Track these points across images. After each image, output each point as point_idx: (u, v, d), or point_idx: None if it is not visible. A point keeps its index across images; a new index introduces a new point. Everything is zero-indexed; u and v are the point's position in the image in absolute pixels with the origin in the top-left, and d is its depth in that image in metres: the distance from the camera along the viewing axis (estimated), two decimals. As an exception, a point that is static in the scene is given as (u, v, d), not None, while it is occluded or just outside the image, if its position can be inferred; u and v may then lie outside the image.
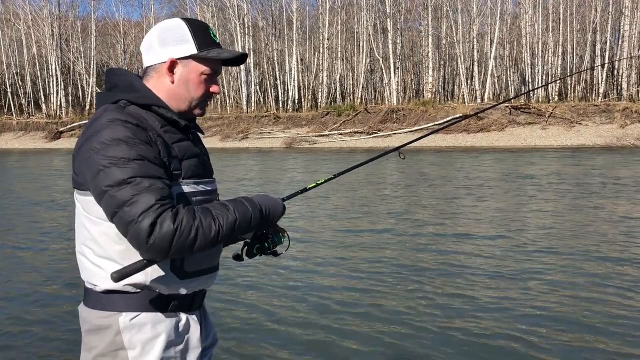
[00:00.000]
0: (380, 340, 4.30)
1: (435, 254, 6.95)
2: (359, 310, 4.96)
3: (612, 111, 29.98)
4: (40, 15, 46.77)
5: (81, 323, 1.71)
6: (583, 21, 38.43)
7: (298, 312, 4.96)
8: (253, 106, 40.72)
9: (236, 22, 40.84)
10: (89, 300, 1.69)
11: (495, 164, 19.37)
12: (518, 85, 39.48)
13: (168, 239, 1.43)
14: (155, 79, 1.73)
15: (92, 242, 1.63)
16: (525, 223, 8.84)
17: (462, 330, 4.46)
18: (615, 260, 6.44)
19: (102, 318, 1.64)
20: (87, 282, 1.69)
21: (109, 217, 1.52)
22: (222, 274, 4.32)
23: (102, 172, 1.48)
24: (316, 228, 8.68)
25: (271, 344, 4.28)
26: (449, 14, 38.62)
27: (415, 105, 34.80)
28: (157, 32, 1.73)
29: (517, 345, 4.15)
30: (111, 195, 1.46)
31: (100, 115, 1.60)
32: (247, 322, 4.73)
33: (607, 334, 4.34)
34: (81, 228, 1.67)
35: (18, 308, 5.21)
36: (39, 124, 41.89)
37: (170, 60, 1.70)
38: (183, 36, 1.71)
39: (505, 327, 4.49)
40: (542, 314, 4.78)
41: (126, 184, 1.46)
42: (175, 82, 1.72)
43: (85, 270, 1.69)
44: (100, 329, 1.64)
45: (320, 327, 4.60)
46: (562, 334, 4.34)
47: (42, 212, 10.79)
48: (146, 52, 1.75)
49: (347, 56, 42.68)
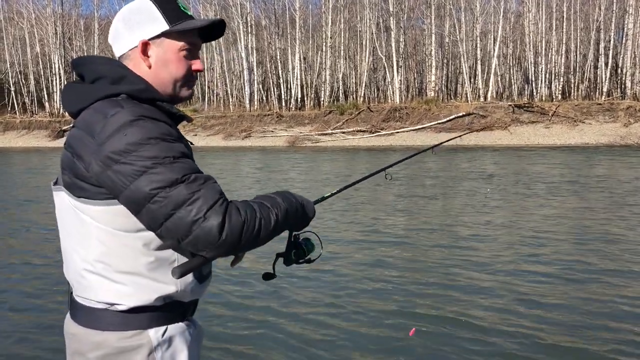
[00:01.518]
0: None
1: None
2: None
3: (615, 109, 29.90)
4: (43, 13, 46.89)
5: (87, 350, 1.50)
6: (587, 19, 38.28)
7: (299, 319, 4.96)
8: (255, 105, 40.72)
9: (239, 21, 40.82)
10: (101, 322, 1.48)
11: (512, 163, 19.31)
12: (521, 83, 39.37)
13: (237, 233, 1.34)
14: (131, 68, 1.54)
15: (110, 256, 1.45)
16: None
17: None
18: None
19: (126, 339, 1.47)
20: (99, 302, 1.48)
21: (156, 223, 1.35)
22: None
23: (144, 175, 1.32)
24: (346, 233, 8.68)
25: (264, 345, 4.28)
26: (451, 12, 38.54)
27: (418, 103, 34.76)
28: (121, 16, 1.56)
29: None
30: (163, 197, 1.31)
31: (112, 113, 1.38)
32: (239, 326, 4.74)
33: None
34: (90, 242, 1.46)
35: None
36: (42, 122, 41.98)
37: (141, 42, 1.52)
38: (150, 14, 1.53)
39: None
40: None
41: (179, 183, 1.32)
42: (152, 66, 1.54)
43: (97, 289, 1.47)
44: (126, 351, 1.47)
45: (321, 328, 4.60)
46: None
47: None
48: (115, 41, 1.57)
49: (350, 54, 42.64)
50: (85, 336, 1.50)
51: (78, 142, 1.42)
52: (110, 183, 1.36)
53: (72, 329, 1.55)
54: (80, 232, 1.47)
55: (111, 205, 1.41)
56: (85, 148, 1.39)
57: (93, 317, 1.50)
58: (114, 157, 1.34)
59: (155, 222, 1.35)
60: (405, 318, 4.70)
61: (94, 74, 1.51)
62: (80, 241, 1.48)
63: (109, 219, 1.43)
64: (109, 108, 1.40)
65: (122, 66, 1.53)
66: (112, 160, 1.34)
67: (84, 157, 1.39)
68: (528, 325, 4.49)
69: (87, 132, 1.40)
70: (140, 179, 1.32)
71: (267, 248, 1.68)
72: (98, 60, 1.54)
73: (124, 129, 1.35)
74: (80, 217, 1.46)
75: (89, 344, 1.50)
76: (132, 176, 1.33)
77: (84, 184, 1.42)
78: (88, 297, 1.50)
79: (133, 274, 1.45)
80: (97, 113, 1.41)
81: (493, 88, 36.03)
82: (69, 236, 1.52)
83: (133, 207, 1.37)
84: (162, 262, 1.47)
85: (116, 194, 1.37)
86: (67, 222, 1.52)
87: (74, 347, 1.55)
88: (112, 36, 1.58)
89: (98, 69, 1.51)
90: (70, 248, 1.52)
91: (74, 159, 1.43)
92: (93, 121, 1.40)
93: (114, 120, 1.37)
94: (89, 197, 1.42)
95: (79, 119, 1.47)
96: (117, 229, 1.43)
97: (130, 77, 1.50)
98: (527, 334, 4.31)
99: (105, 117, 1.38)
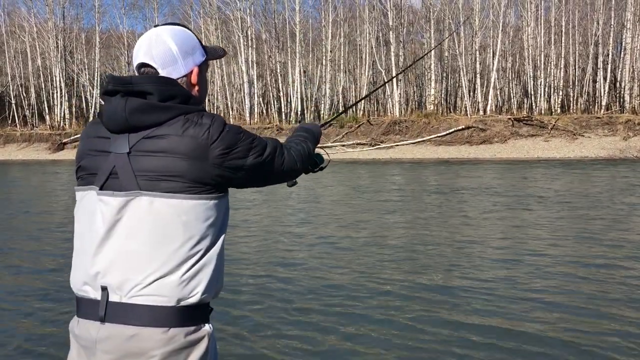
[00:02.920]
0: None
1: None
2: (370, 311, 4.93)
3: (614, 123, 29.99)
4: (45, 27, 47.13)
5: (150, 348, 1.55)
6: (585, 34, 38.56)
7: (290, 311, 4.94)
8: (256, 117, 40.84)
9: (239, 35, 41.07)
10: (167, 319, 1.56)
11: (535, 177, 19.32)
12: (520, 97, 39.55)
13: (300, 157, 1.92)
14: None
15: (194, 255, 1.59)
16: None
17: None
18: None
19: (191, 333, 1.60)
20: (170, 298, 1.56)
21: (269, 169, 1.75)
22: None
23: (252, 149, 1.68)
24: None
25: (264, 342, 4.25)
26: (450, 27, 38.80)
27: (418, 116, 34.88)
28: (173, 41, 1.71)
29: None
30: (267, 155, 1.73)
31: (211, 121, 1.63)
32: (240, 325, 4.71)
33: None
34: (175, 243, 1.57)
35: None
36: (42, 135, 42.08)
37: (196, 67, 1.75)
38: (195, 42, 1.76)
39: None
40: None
41: (267, 146, 1.75)
42: (199, 90, 1.78)
43: (173, 288, 1.56)
44: (191, 345, 1.60)
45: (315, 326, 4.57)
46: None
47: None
48: (168, 65, 1.69)
49: (350, 68, 42.86)
50: (150, 335, 1.55)
51: (182, 145, 1.58)
52: (231, 165, 1.64)
53: (127, 331, 1.56)
54: (166, 231, 1.58)
55: (208, 200, 1.62)
56: (197, 149, 1.59)
57: (159, 315, 1.56)
58: (229, 147, 1.63)
59: (267, 171, 1.76)
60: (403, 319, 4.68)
61: (165, 93, 1.64)
62: (162, 240, 1.57)
63: (203, 214, 1.61)
64: (202, 118, 1.63)
65: (183, 88, 1.71)
66: (229, 150, 1.63)
67: (197, 156, 1.58)
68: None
69: (192, 136, 1.59)
70: (251, 151, 1.68)
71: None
72: (165, 80, 1.67)
73: (225, 130, 1.63)
74: (172, 217, 1.58)
75: (153, 342, 1.55)
76: (245, 152, 1.67)
77: (186, 182, 1.59)
78: (157, 294, 1.56)
79: (210, 270, 1.63)
80: (191, 122, 1.61)
81: (492, 101, 36.18)
82: (138, 238, 1.58)
83: (251, 170, 1.70)
84: (223, 259, 1.70)
85: (237, 169, 1.66)
86: (141, 224, 1.58)
87: (127, 349, 1.56)
88: (166, 60, 1.70)
89: (169, 90, 1.65)
90: (139, 249, 1.58)
91: (178, 159, 1.58)
92: (193, 128, 1.60)
93: (216, 126, 1.62)
94: (190, 192, 1.59)
95: (162, 130, 1.60)
96: (208, 223, 1.62)
97: (193, 98, 1.71)
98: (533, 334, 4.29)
99: (202, 125, 1.61)
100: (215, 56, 1.86)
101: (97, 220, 1.62)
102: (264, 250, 7.91)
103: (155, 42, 1.70)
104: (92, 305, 1.61)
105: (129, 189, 1.58)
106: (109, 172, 1.61)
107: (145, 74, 1.69)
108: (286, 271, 6.70)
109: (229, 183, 1.68)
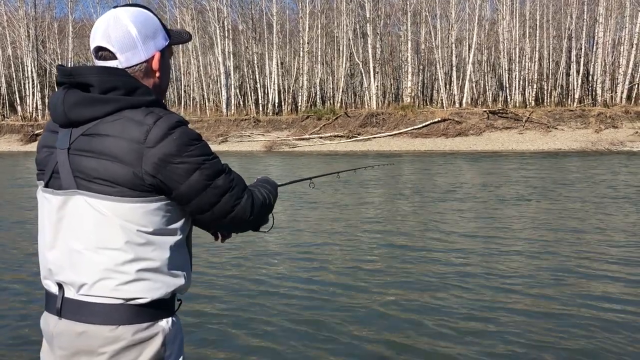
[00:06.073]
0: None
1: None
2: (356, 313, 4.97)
3: (587, 116, 30.56)
4: (15, 15, 46.09)
5: (99, 346, 1.52)
6: (559, 27, 39.09)
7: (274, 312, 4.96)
8: (233, 109, 40.60)
9: (216, 25, 40.71)
10: (116, 317, 1.52)
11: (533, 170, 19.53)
12: (495, 90, 39.98)
13: (258, 209, 1.69)
14: (140, 77, 1.60)
15: (137, 255, 1.51)
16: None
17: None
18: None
19: (141, 331, 1.54)
20: (117, 298, 1.52)
21: (208, 206, 1.57)
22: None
23: (198, 171, 1.52)
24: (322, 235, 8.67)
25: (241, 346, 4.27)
26: (427, 19, 38.99)
27: (395, 109, 35.08)
28: (132, 24, 1.57)
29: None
30: (214, 187, 1.55)
31: (154, 120, 1.48)
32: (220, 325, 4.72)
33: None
34: (116, 243, 1.50)
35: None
36: (13, 126, 41.24)
37: (158, 53, 1.62)
38: (157, 25, 1.63)
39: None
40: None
41: (223, 173, 1.59)
42: (160, 77, 1.65)
43: (119, 286, 1.51)
44: (141, 342, 1.54)
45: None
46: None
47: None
48: (127, 50, 1.57)
49: (327, 60, 42.82)
50: (98, 333, 1.52)
51: (116, 148, 1.47)
52: (165, 180, 1.49)
53: (77, 328, 1.54)
54: (104, 233, 1.51)
55: (147, 203, 1.51)
56: (130, 153, 1.46)
57: (107, 314, 1.53)
58: (167, 158, 1.47)
59: (208, 206, 1.57)
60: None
61: (106, 84, 1.51)
62: (102, 242, 1.51)
63: (142, 218, 1.51)
64: (147, 116, 1.49)
65: (132, 77, 1.56)
66: (166, 162, 1.47)
67: (130, 161, 1.46)
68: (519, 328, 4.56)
69: (128, 138, 1.46)
70: (196, 173, 1.51)
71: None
72: (107, 70, 1.54)
73: (170, 134, 1.48)
74: (108, 218, 1.50)
75: (102, 340, 1.52)
76: (188, 172, 1.50)
77: (120, 186, 1.48)
78: (102, 295, 1.52)
79: (157, 270, 1.55)
80: (133, 121, 1.48)
81: (468, 94, 36.54)
82: (80, 238, 1.53)
83: (187, 198, 1.54)
84: (180, 258, 1.61)
85: (171, 188, 1.51)
86: (81, 224, 1.53)
87: (77, 346, 1.54)
88: (125, 45, 1.56)
89: (110, 80, 1.52)
90: (82, 249, 1.53)
91: (110, 163, 1.47)
92: (132, 128, 1.47)
93: (158, 128, 1.47)
94: (124, 196, 1.49)
95: (102, 127, 1.49)
96: (147, 227, 1.52)
97: (142, 88, 1.56)
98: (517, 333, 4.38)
99: (143, 124, 1.47)
100: (179, 40, 1.72)
101: (45, 218, 1.62)
102: (243, 246, 7.91)
103: (114, 24, 1.56)
104: (53, 300, 1.61)
105: (67, 188, 1.54)
106: (52, 170, 1.57)
107: (102, 58, 1.58)
108: (266, 274, 6.71)
109: (170, 193, 1.53)
